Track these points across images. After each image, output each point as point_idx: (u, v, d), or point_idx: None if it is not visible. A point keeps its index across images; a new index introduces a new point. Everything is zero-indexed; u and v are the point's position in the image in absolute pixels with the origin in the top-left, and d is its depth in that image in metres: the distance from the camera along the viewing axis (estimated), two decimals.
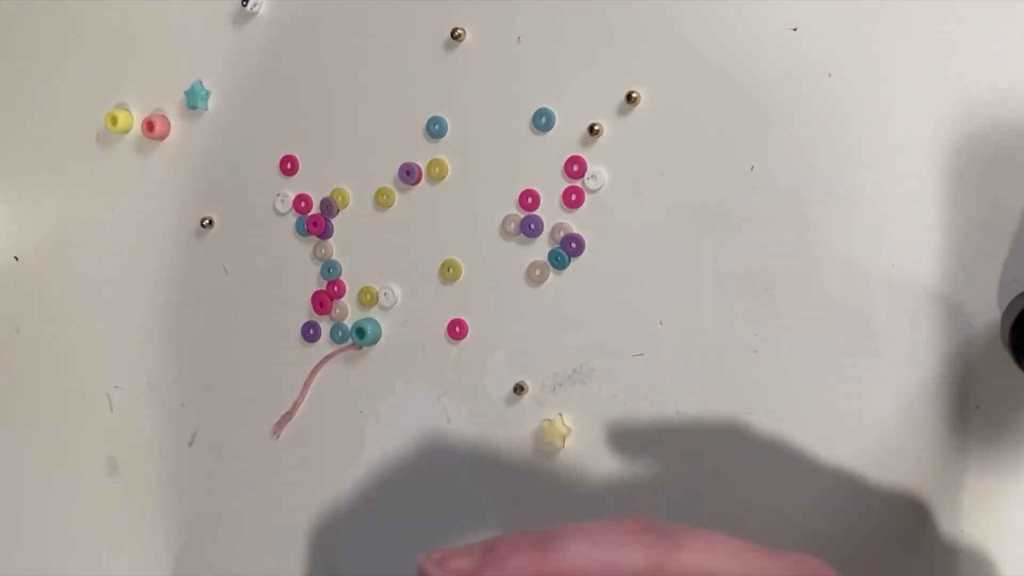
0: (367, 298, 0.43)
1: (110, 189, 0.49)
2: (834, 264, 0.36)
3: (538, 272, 0.40)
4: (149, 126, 0.46)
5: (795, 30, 0.36)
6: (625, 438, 0.40)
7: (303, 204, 0.44)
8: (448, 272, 0.42)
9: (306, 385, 0.45)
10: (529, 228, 0.40)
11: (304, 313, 0.45)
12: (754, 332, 0.37)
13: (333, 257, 0.44)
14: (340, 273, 0.44)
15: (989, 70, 0.33)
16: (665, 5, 0.38)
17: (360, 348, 0.44)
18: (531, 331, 0.41)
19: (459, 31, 0.41)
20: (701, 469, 0.38)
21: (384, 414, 0.44)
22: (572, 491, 0.40)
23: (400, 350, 0.43)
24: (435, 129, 0.42)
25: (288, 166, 0.45)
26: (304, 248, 0.45)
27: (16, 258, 0.52)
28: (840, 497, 0.37)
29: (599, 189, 0.39)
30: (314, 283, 0.45)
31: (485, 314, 0.42)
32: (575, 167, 0.39)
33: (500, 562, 0.23)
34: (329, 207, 0.44)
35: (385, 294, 0.43)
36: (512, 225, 0.41)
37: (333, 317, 0.44)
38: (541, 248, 0.40)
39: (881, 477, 0.36)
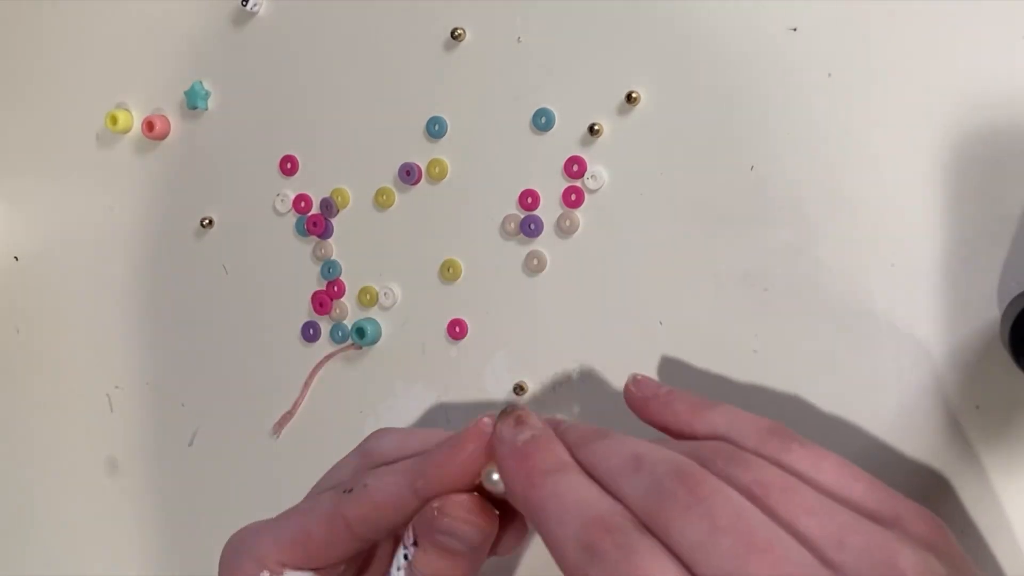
0: (367, 298, 0.43)
1: (110, 189, 0.49)
2: (834, 264, 0.36)
3: (536, 262, 0.40)
4: (149, 126, 0.46)
5: (795, 30, 0.36)
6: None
7: (303, 204, 0.44)
8: (448, 272, 0.42)
9: (306, 385, 0.45)
10: (529, 228, 0.40)
11: (304, 313, 0.45)
12: (754, 332, 0.37)
13: (333, 257, 0.44)
14: (340, 273, 0.44)
15: (989, 70, 0.33)
16: (665, 5, 0.38)
17: (360, 348, 0.44)
18: (531, 331, 0.41)
19: (459, 31, 0.41)
20: None
21: (384, 414, 0.44)
22: None
23: (400, 350, 0.43)
24: (435, 129, 0.42)
25: (288, 166, 0.45)
26: (304, 248, 0.45)
27: (16, 258, 0.52)
28: None
29: (599, 189, 0.39)
30: (314, 283, 0.45)
31: (485, 314, 0.42)
32: (575, 167, 0.39)
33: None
34: (329, 207, 0.44)
35: (385, 294, 0.43)
36: (512, 225, 0.41)
37: (333, 317, 0.44)
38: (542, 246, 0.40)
39: (880, 477, 0.36)
